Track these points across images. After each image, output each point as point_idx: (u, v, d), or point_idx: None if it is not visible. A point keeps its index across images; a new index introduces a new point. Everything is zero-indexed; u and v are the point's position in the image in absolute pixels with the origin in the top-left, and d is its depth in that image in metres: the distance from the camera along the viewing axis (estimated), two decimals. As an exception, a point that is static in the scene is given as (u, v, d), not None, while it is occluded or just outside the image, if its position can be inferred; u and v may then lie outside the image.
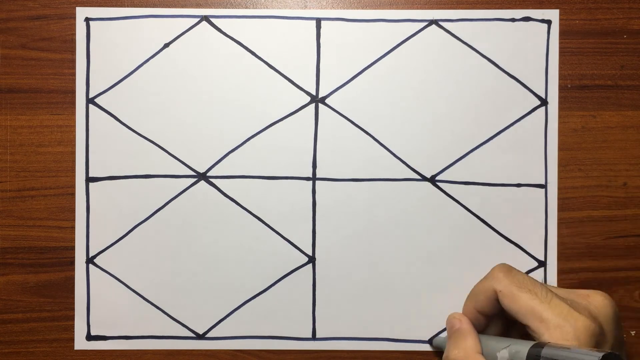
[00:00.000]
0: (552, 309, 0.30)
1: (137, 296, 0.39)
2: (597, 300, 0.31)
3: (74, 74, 0.38)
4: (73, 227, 0.38)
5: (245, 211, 0.39)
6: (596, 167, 0.39)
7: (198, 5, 0.39)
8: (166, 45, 0.38)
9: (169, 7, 0.38)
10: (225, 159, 0.39)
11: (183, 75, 0.38)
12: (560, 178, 0.39)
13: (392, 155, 0.39)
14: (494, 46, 0.38)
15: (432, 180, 0.39)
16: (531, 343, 0.29)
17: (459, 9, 0.38)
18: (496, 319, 0.35)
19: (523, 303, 0.31)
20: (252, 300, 0.39)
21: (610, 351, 0.27)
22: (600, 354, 0.26)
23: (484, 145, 0.39)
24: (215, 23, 0.38)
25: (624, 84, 0.39)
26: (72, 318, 0.39)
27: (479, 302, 0.33)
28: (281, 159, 0.39)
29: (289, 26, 0.38)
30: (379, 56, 0.38)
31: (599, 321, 0.30)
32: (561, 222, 0.39)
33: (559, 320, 0.29)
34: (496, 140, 0.39)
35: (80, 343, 0.38)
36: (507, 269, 0.33)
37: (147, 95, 0.38)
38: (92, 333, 0.39)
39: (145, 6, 0.38)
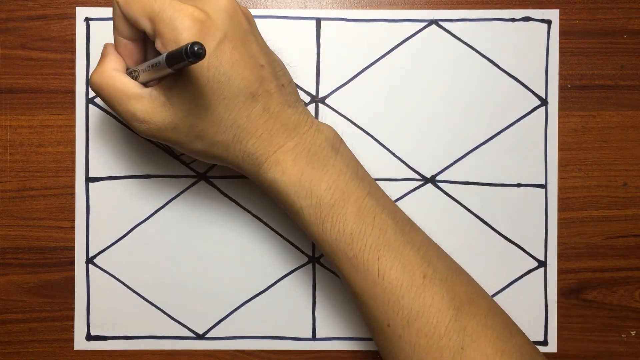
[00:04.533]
0: (163, 5, 0.28)
1: (137, 296, 0.39)
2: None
3: (74, 74, 0.38)
4: (73, 227, 0.38)
5: (245, 211, 0.39)
6: (596, 167, 0.39)
7: (198, 5, 0.38)
8: (166, 45, 0.38)
9: (169, 7, 0.38)
10: (225, 159, 0.39)
11: (183, 75, 0.38)
12: (560, 178, 0.39)
13: (392, 155, 0.39)
14: (494, 46, 0.38)
15: (432, 180, 0.39)
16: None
17: (459, 9, 0.38)
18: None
19: (138, 6, 0.29)
20: (252, 300, 0.39)
21: (189, 45, 0.25)
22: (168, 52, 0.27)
23: (484, 146, 0.39)
24: (215, 23, 0.38)
25: (624, 84, 0.39)
26: (72, 318, 0.39)
27: (115, 26, 0.31)
28: (281, 159, 0.38)
29: (289, 26, 0.38)
30: (379, 56, 0.38)
31: (207, 11, 0.29)
32: (561, 222, 0.39)
33: (166, 16, 0.28)
34: (496, 140, 0.39)
35: (80, 343, 0.38)
36: None
37: (147, 95, 0.38)
38: (92, 333, 0.38)
39: (145, 6, 0.38)
